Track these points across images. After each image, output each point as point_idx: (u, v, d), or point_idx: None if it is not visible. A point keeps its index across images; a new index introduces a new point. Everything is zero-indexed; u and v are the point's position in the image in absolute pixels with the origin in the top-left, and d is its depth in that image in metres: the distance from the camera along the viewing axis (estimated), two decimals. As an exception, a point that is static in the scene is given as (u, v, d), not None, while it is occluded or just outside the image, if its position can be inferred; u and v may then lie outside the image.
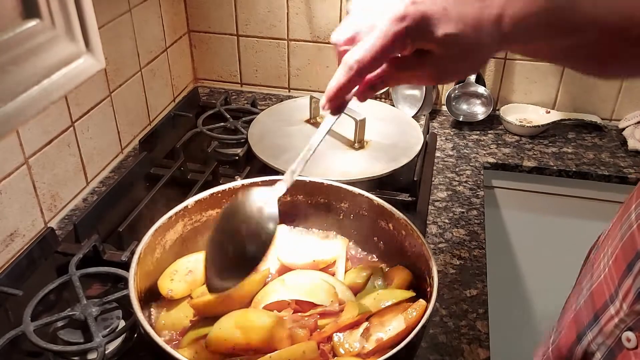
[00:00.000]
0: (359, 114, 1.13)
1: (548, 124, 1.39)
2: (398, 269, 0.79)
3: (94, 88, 1.15)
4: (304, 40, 1.48)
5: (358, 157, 1.14)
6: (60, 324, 0.81)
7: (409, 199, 1.07)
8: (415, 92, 1.42)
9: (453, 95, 1.44)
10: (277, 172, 1.07)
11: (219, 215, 0.67)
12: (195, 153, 1.24)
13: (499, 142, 1.38)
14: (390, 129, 1.22)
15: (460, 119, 1.43)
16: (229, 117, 1.36)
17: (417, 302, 0.71)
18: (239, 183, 0.85)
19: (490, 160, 1.31)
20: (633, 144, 1.34)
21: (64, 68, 0.45)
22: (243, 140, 1.25)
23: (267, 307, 0.73)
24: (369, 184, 1.03)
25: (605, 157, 1.33)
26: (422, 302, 0.70)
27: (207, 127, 1.31)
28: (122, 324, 0.82)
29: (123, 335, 0.81)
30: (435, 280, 0.69)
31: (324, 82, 1.76)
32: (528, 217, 1.39)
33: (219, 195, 0.83)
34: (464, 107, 1.45)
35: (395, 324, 0.68)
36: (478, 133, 1.41)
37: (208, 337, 0.68)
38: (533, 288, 1.49)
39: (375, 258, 0.85)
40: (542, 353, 0.84)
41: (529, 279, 1.48)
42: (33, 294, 0.84)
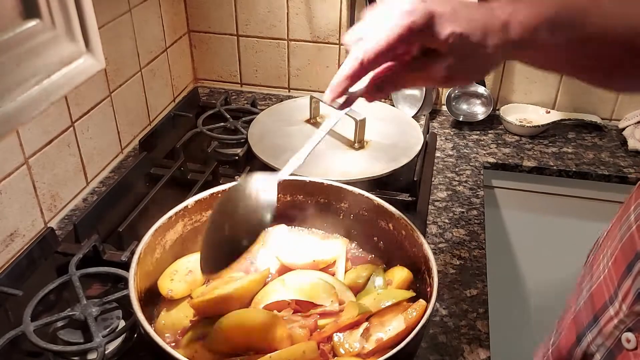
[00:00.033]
0: (359, 114, 1.13)
1: (548, 124, 1.39)
2: (398, 269, 0.79)
3: (94, 88, 1.15)
4: (304, 41, 1.48)
5: (358, 157, 1.14)
6: (60, 324, 0.81)
7: (409, 199, 1.07)
8: (415, 92, 1.42)
9: (453, 95, 1.44)
10: (277, 172, 1.07)
11: (220, 198, 0.68)
12: (195, 153, 1.24)
13: (499, 142, 1.38)
14: (390, 129, 1.22)
15: (460, 119, 1.43)
16: (229, 117, 1.36)
17: (417, 302, 0.71)
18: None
19: (490, 160, 1.31)
20: (633, 144, 1.33)
21: (64, 68, 0.45)
22: (243, 140, 1.25)
23: (267, 307, 0.73)
24: (369, 184, 1.03)
25: (605, 157, 1.33)
26: (422, 302, 0.70)
27: (207, 127, 1.31)
28: (122, 324, 0.82)
29: (123, 335, 0.81)
30: (435, 280, 0.69)
31: (324, 82, 1.76)
32: (528, 217, 1.39)
33: (219, 195, 0.83)
34: (464, 107, 1.45)
35: (395, 324, 0.68)
36: (478, 133, 1.41)
37: (208, 337, 0.68)
38: (533, 288, 1.49)
39: (375, 258, 0.85)
40: (542, 354, 0.84)
41: (529, 279, 1.48)
42: (33, 294, 0.84)
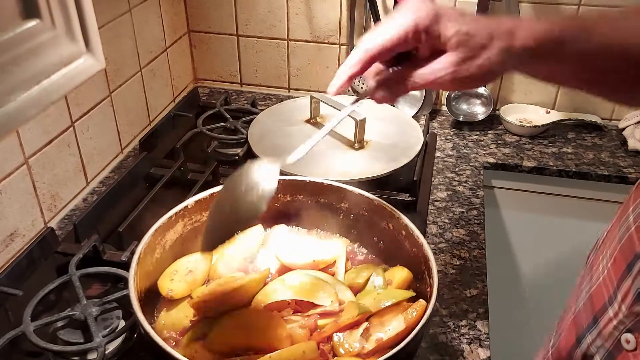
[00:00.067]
0: (359, 114, 1.13)
1: (548, 124, 1.39)
2: (398, 269, 0.79)
3: (94, 88, 1.15)
4: (304, 41, 1.48)
5: (358, 157, 1.14)
6: (60, 324, 0.81)
7: (409, 199, 1.07)
8: (416, 92, 1.42)
9: (453, 95, 1.44)
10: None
11: (227, 180, 0.69)
12: (195, 153, 1.24)
13: (499, 142, 1.38)
14: (390, 129, 1.22)
15: (460, 119, 1.43)
16: (229, 117, 1.36)
17: (417, 302, 0.71)
18: (239, 183, 0.85)
19: (490, 160, 1.31)
20: (633, 144, 1.33)
21: (64, 68, 0.45)
22: (243, 140, 1.25)
23: (267, 307, 0.73)
24: (369, 184, 1.03)
25: (605, 157, 1.33)
26: (422, 302, 0.70)
27: (207, 127, 1.31)
28: (122, 324, 0.82)
29: (123, 335, 0.81)
30: (435, 280, 0.69)
31: (324, 82, 1.75)
32: (528, 217, 1.39)
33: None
34: (464, 107, 1.45)
35: (395, 324, 0.68)
36: (478, 133, 1.41)
37: (208, 337, 0.68)
38: (533, 288, 1.49)
39: (375, 258, 0.85)
40: (542, 356, 0.84)
41: (529, 279, 1.48)
42: (33, 294, 0.84)
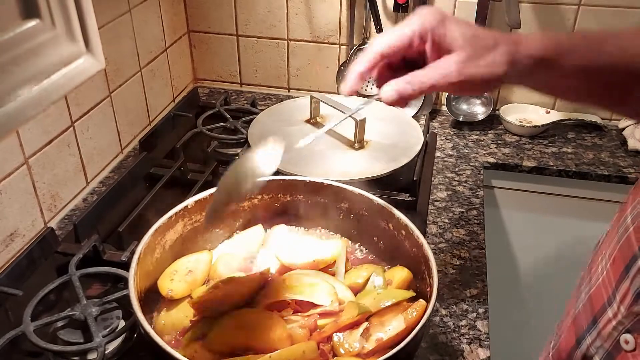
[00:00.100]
0: (359, 114, 1.13)
1: (548, 124, 1.39)
2: (398, 269, 0.79)
3: (94, 88, 1.15)
4: (304, 41, 1.48)
5: (358, 157, 1.14)
6: (60, 324, 0.81)
7: (409, 199, 1.07)
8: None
9: (453, 95, 1.44)
10: (277, 172, 1.07)
11: (237, 158, 0.72)
12: (195, 153, 1.24)
13: (499, 142, 1.38)
14: (390, 129, 1.22)
15: (460, 119, 1.43)
16: (229, 117, 1.36)
17: (417, 302, 0.71)
18: (239, 183, 0.85)
19: (490, 160, 1.31)
20: (633, 144, 1.33)
21: (64, 68, 0.45)
22: (243, 140, 1.25)
23: (267, 307, 0.73)
24: (369, 184, 1.03)
25: (605, 157, 1.33)
26: (422, 302, 0.70)
27: (207, 127, 1.31)
28: (122, 324, 0.82)
29: (123, 335, 0.81)
30: (435, 280, 0.69)
31: (324, 82, 1.75)
32: (528, 217, 1.39)
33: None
34: (464, 107, 1.45)
35: (395, 324, 0.68)
36: (478, 133, 1.41)
37: (208, 337, 0.68)
38: (533, 288, 1.49)
39: (375, 258, 0.85)
40: (544, 358, 0.84)
41: (529, 279, 1.48)
42: (33, 294, 0.84)
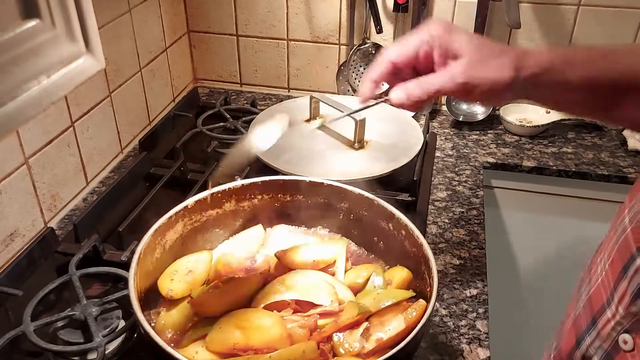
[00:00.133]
0: (359, 114, 1.13)
1: (548, 124, 1.39)
2: (398, 269, 0.79)
3: (94, 88, 1.15)
4: (304, 40, 1.48)
5: (358, 157, 1.14)
6: (60, 324, 0.81)
7: (409, 199, 1.07)
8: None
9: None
10: (277, 172, 1.07)
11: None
12: (195, 153, 1.24)
13: (499, 142, 1.38)
14: (390, 129, 1.22)
15: (460, 119, 1.43)
16: (229, 117, 1.36)
17: (417, 302, 0.71)
18: (239, 183, 0.85)
19: (490, 160, 1.31)
20: (633, 144, 1.33)
21: (64, 68, 0.45)
22: (243, 140, 1.25)
23: (267, 307, 0.73)
24: (369, 184, 1.03)
25: (605, 156, 1.33)
26: (422, 302, 0.70)
27: (207, 127, 1.31)
28: (122, 324, 0.82)
29: (123, 335, 0.81)
30: (435, 280, 0.69)
31: (324, 82, 1.74)
32: (528, 217, 1.39)
33: (219, 195, 0.83)
34: (464, 107, 1.45)
35: (395, 324, 0.68)
36: (478, 133, 1.41)
37: (208, 337, 0.68)
38: (533, 288, 1.49)
39: (375, 258, 0.85)
40: (546, 359, 0.84)
41: (529, 279, 1.48)
42: (33, 294, 0.84)
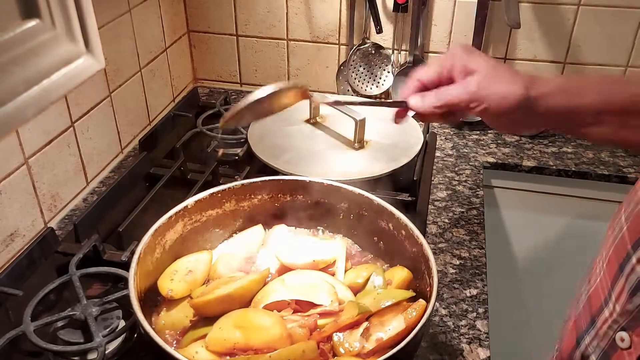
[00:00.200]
0: (359, 114, 1.13)
1: (548, 124, 1.39)
2: (398, 269, 0.79)
3: (94, 88, 1.15)
4: (304, 40, 1.48)
5: (358, 157, 1.14)
6: (61, 324, 0.81)
7: (409, 199, 1.07)
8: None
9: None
10: (277, 172, 1.07)
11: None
12: (195, 153, 1.24)
13: (499, 141, 1.38)
14: (390, 129, 1.22)
15: (460, 119, 1.43)
16: (229, 117, 1.36)
17: (417, 302, 0.71)
18: (239, 183, 0.85)
19: (490, 160, 1.31)
20: (633, 144, 1.33)
21: (64, 68, 0.45)
22: (243, 140, 1.25)
23: (267, 307, 0.73)
24: (369, 184, 1.03)
25: (605, 156, 1.33)
26: (422, 302, 0.70)
27: (207, 127, 1.31)
28: (122, 324, 0.82)
29: (123, 335, 0.81)
30: (435, 280, 0.69)
31: (324, 82, 1.74)
32: (528, 217, 1.39)
33: (219, 195, 0.83)
34: (464, 107, 1.45)
35: (395, 324, 0.68)
36: (478, 133, 1.41)
37: (208, 337, 0.68)
38: (533, 288, 1.49)
39: (375, 258, 0.85)
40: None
41: (529, 279, 1.48)
42: (33, 294, 0.84)
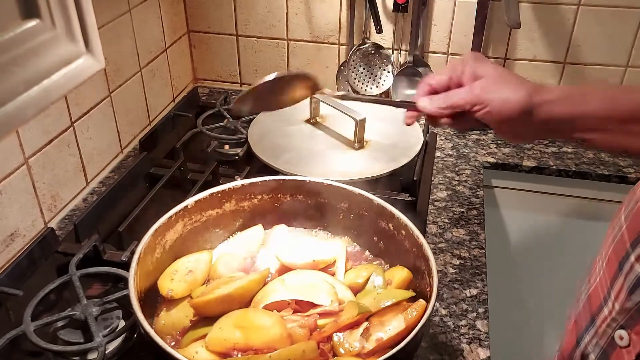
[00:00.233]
0: (359, 114, 1.13)
1: (548, 124, 1.39)
2: (398, 269, 0.79)
3: (94, 88, 1.15)
4: (304, 40, 1.48)
5: (358, 157, 1.14)
6: (61, 324, 0.81)
7: (409, 199, 1.07)
8: (416, 91, 1.42)
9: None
10: (277, 172, 1.07)
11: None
12: (195, 153, 1.24)
13: (499, 141, 1.38)
14: (390, 129, 1.22)
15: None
16: (229, 117, 1.36)
17: (417, 302, 0.71)
18: (239, 183, 0.85)
19: (490, 160, 1.31)
20: (633, 144, 1.33)
21: (64, 68, 0.45)
22: (243, 140, 1.25)
23: (267, 307, 0.73)
24: (369, 184, 1.03)
25: (605, 156, 1.33)
26: (422, 302, 0.70)
27: (207, 127, 1.31)
28: (122, 324, 0.82)
29: (123, 335, 0.81)
30: (435, 280, 0.69)
31: (324, 82, 1.75)
32: (528, 217, 1.39)
33: (219, 195, 0.83)
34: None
35: (395, 324, 0.68)
36: (478, 133, 1.41)
37: (208, 337, 0.68)
38: (533, 288, 1.49)
39: (375, 258, 0.85)
40: None
41: (529, 279, 1.48)
42: (33, 294, 0.84)
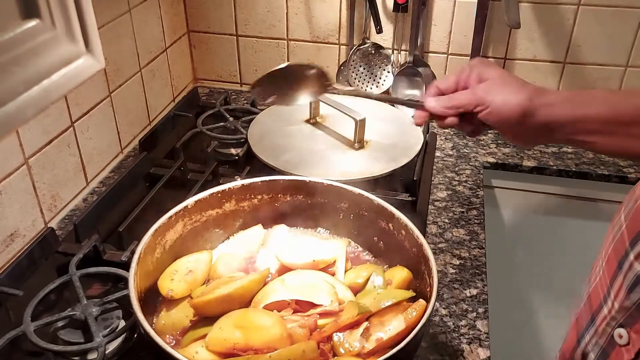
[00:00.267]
0: (359, 114, 1.13)
1: (548, 124, 1.39)
2: (398, 269, 0.79)
3: (94, 88, 1.15)
4: (304, 40, 1.48)
5: (358, 157, 1.14)
6: (61, 324, 0.81)
7: (409, 199, 1.07)
8: (416, 91, 1.43)
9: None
10: (277, 172, 1.07)
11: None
12: (195, 153, 1.24)
13: (499, 141, 1.38)
14: (390, 129, 1.22)
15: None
16: (229, 117, 1.36)
17: (417, 302, 0.71)
18: (239, 183, 0.85)
19: (490, 160, 1.31)
20: (633, 144, 1.33)
21: (64, 68, 0.45)
22: (243, 140, 1.25)
23: (267, 307, 0.73)
24: (369, 184, 1.03)
25: (605, 156, 1.33)
26: (422, 302, 0.70)
27: (207, 127, 1.31)
28: (122, 324, 0.82)
29: (123, 335, 0.81)
30: (435, 280, 0.69)
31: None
32: (528, 217, 1.39)
33: (219, 195, 0.83)
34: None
35: (395, 324, 0.68)
36: (478, 133, 1.41)
37: (208, 337, 0.68)
38: (533, 288, 1.49)
39: (375, 258, 0.85)
40: None
41: (529, 279, 1.48)
42: (33, 294, 0.84)
